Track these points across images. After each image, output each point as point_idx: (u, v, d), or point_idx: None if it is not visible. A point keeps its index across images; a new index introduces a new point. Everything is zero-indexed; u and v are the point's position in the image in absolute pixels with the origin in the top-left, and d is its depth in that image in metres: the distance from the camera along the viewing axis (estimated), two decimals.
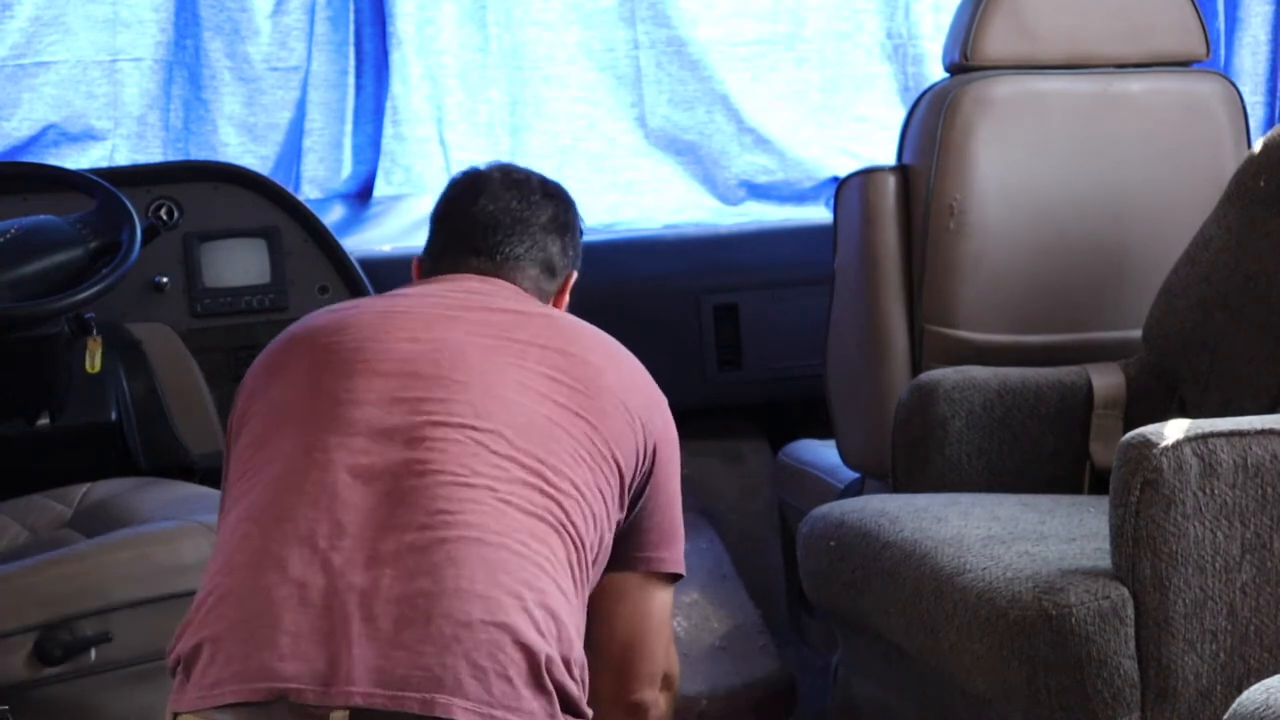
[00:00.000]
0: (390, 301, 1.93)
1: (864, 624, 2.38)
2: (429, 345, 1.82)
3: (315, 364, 1.83)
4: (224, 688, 1.65)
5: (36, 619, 2.13)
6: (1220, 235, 2.64)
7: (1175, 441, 1.94)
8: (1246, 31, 3.71)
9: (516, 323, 1.88)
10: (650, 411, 1.91)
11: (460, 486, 1.72)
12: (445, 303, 1.90)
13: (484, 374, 1.80)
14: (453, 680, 1.64)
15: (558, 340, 1.87)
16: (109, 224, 2.65)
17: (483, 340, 1.84)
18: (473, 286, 1.95)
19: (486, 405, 1.77)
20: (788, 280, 3.56)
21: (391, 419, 1.76)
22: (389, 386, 1.78)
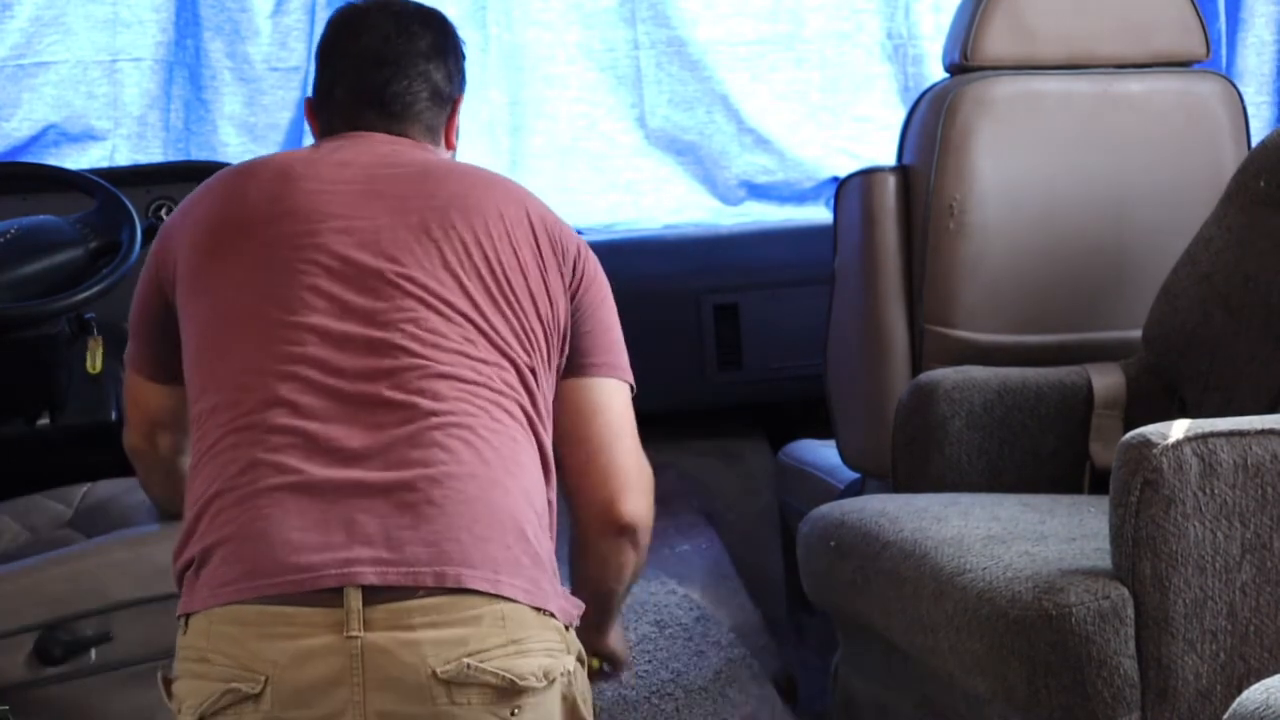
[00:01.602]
0: (314, 174, 1.92)
1: (864, 624, 2.38)
2: (364, 235, 1.85)
3: (259, 263, 1.85)
4: (236, 585, 1.69)
5: (37, 619, 2.13)
6: (1220, 235, 2.65)
7: (1175, 441, 1.94)
8: (1250, 32, 3.70)
9: (432, 188, 1.91)
10: (558, 240, 1.96)
11: (432, 377, 1.78)
12: (364, 174, 1.92)
13: (420, 259, 1.85)
14: (459, 552, 1.69)
15: (469, 197, 1.91)
16: (109, 224, 2.65)
17: (409, 220, 1.87)
18: (376, 149, 1.96)
19: (430, 288, 1.83)
20: (788, 280, 3.56)
21: (348, 319, 1.81)
22: (336, 286, 1.82)
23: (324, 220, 1.86)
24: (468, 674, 1.67)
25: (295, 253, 1.84)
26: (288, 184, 1.89)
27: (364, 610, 1.67)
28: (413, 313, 1.81)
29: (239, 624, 1.69)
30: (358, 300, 1.81)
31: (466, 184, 1.93)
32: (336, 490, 1.72)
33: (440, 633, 1.67)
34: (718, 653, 2.94)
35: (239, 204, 1.90)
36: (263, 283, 1.84)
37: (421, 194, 1.89)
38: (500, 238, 1.88)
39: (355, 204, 1.87)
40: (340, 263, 1.83)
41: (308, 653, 1.66)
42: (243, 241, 1.86)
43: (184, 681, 1.73)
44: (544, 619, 1.74)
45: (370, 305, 1.81)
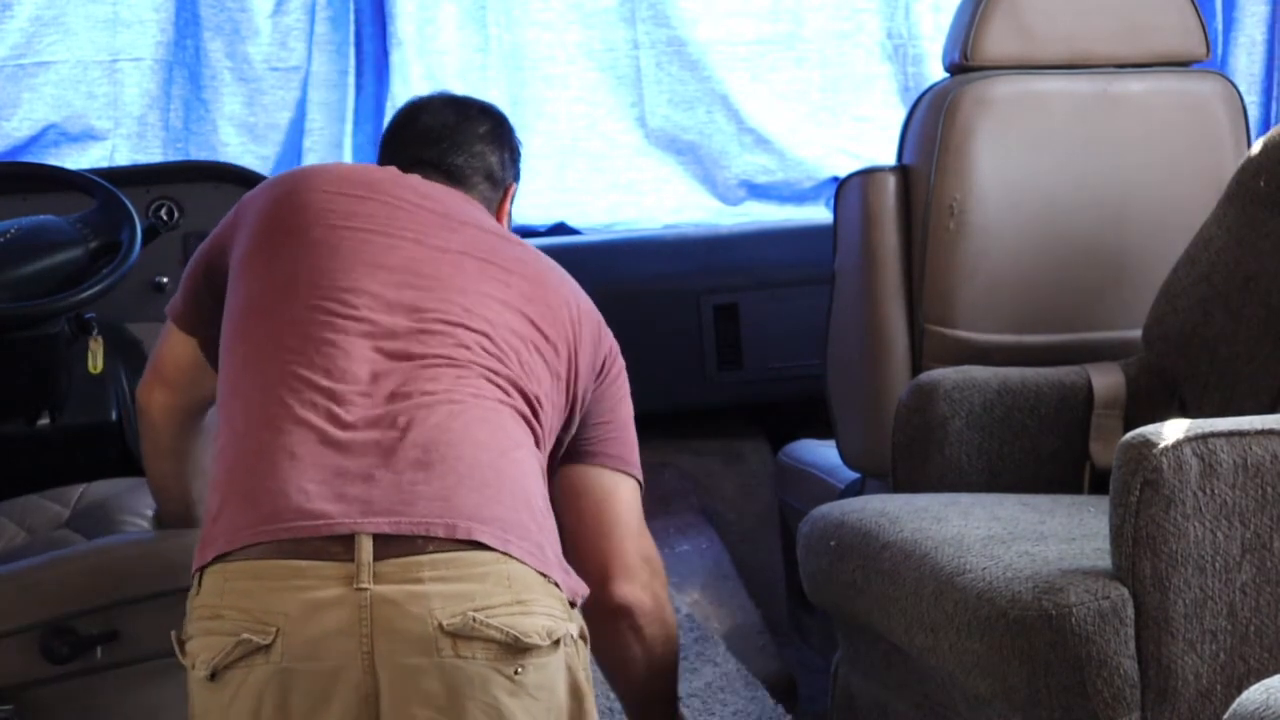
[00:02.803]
0: (408, 185, 2.03)
1: (864, 624, 2.38)
2: (432, 251, 1.95)
3: (325, 242, 1.93)
4: (252, 529, 1.73)
5: (42, 617, 2.13)
6: (1220, 235, 2.65)
7: (1175, 441, 1.94)
8: (1243, 31, 3.71)
9: (499, 246, 2.01)
10: (601, 336, 2.06)
11: (457, 367, 1.85)
12: (440, 207, 2.02)
13: (477, 285, 1.94)
14: (471, 507, 1.75)
15: (531, 270, 2.02)
16: (109, 224, 2.65)
17: (475, 255, 1.97)
18: (453, 195, 2.07)
19: (475, 311, 1.91)
20: (788, 280, 3.56)
21: (394, 315, 1.88)
22: (391, 282, 1.91)
23: (397, 229, 1.95)
24: (473, 627, 1.70)
25: (363, 246, 1.93)
26: (370, 190, 1.99)
27: (374, 564, 1.70)
28: (457, 320, 1.89)
29: (253, 578, 1.72)
30: (407, 298, 1.89)
31: (529, 253, 2.05)
32: (355, 447, 1.77)
33: (448, 586, 1.71)
34: (713, 669, 2.94)
35: (318, 195, 1.98)
36: (323, 265, 1.91)
37: (490, 244, 2.00)
38: (552, 302, 1.98)
39: (429, 226, 1.97)
40: (402, 267, 1.92)
41: (317, 604, 1.69)
42: (312, 230, 1.95)
43: (197, 639, 1.75)
44: (548, 585, 1.78)
45: (418, 302, 1.89)
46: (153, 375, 2.16)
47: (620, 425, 2.08)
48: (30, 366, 2.67)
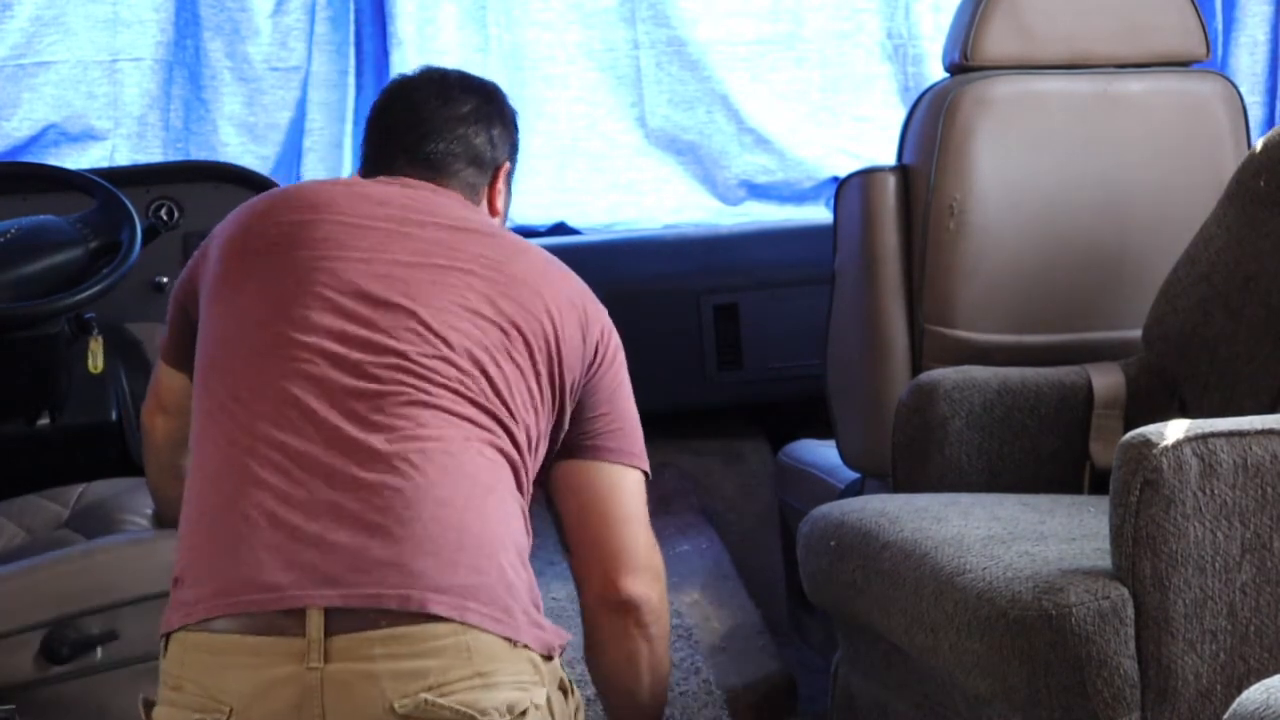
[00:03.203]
0: (349, 207, 1.95)
1: (864, 624, 2.38)
2: (380, 269, 1.88)
3: (275, 283, 1.88)
4: (206, 602, 1.72)
5: (43, 617, 2.13)
6: (1220, 235, 2.65)
7: (1175, 441, 1.94)
8: (1244, 31, 3.71)
9: (460, 244, 1.93)
10: (588, 324, 1.97)
11: (418, 406, 1.79)
12: (399, 214, 1.94)
13: (431, 299, 1.86)
14: (427, 576, 1.70)
15: (496, 265, 1.93)
16: (109, 224, 2.65)
17: (432, 262, 1.90)
18: (417, 195, 1.99)
19: (435, 331, 1.84)
20: (788, 280, 3.56)
21: (349, 351, 1.82)
22: (345, 314, 1.84)
23: (345, 250, 1.89)
24: (425, 709, 1.66)
25: (310, 275, 1.86)
26: (318, 212, 1.93)
27: (326, 640, 1.67)
28: (412, 345, 1.82)
29: (210, 653, 1.71)
30: (359, 330, 1.83)
31: (497, 244, 1.96)
32: (310, 508, 1.73)
33: (400, 665, 1.67)
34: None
35: (271, 225, 1.94)
36: (275, 301, 1.86)
37: (449, 243, 1.92)
38: (521, 296, 1.90)
39: (381, 240, 1.90)
40: (352, 292, 1.85)
41: (270, 683, 1.67)
42: (265, 261, 1.90)
43: (161, 708, 1.76)
44: (516, 651, 1.73)
45: (370, 336, 1.82)
46: (154, 401, 2.17)
47: (620, 415, 1.99)
48: (30, 366, 2.67)
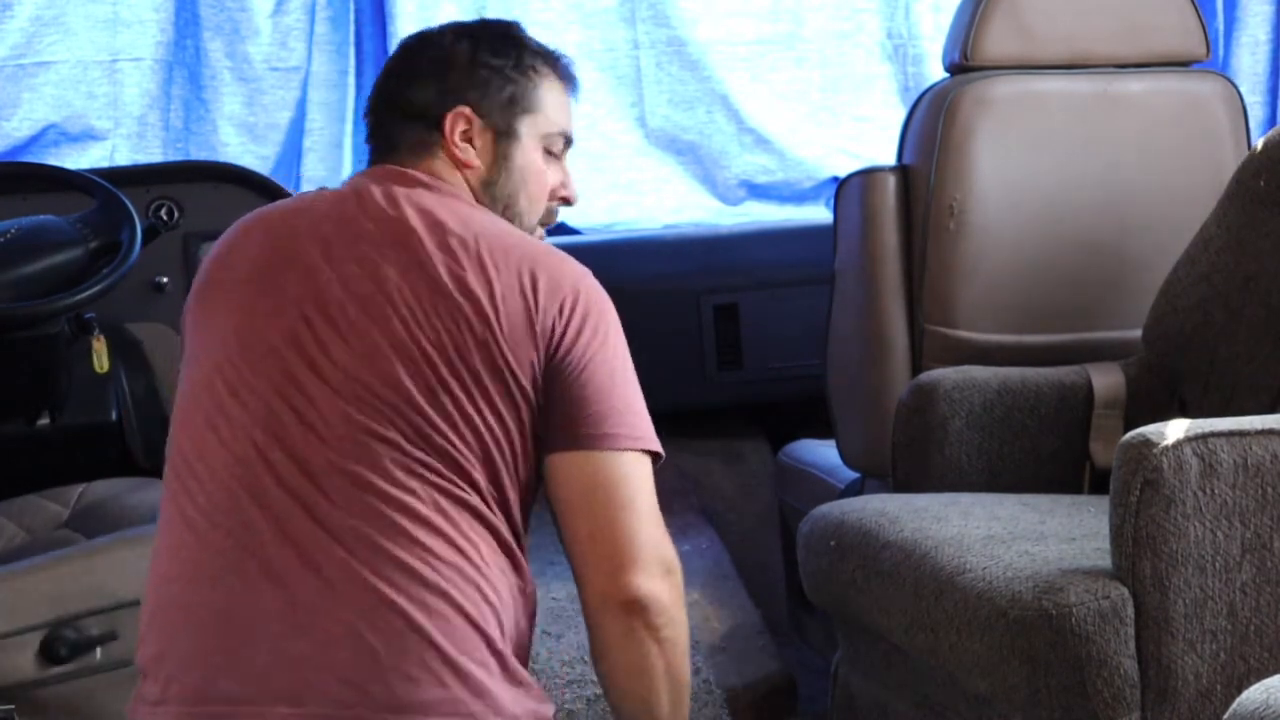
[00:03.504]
0: (282, 246, 1.79)
1: (864, 624, 2.38)
2: (316, 317, 1.73)
3: (227, 333, 1.77)
4: (162, 706, 1.67)
5: (43, 618, 2.13)
6: (1220, 235, 2.65)
7: (1175, 441, 1.94)
8: (1245, 31, 3.71)
9: (385, 257, 1.74)
10: (536, 303, 1.74)
11: (357, 488, 1.67)
12: (332, 233, 1.77)
13: (359, 345, 1.71)
14: (383, 693, 1.62)
15: (417, 276, 1.73)
16: (109, 224, 2.65)
17: (358, 291, 1.73)
18: (345, 202, 1.81)
19: (362, 382, 1.70)
20: (788, 280, 3.56)
21: (278, 429, 1.70)
22: (275, 382, 1.72)
23: (281, 304, 1.75)
24: None
25: (252, 328, 1.75)
26: (230, 270, 1.81)
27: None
28: (346, 410, 1.69)
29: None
30: (293, 398, 1.71)
31: (414, 250, 1.75)
32: (258, 612, 1.65)
33: None
34: None
35: (234, 262, 1.82)
36: (222, 355, 1.75)
37: (374, 258, 1.74)
38: (445, 306, 1.71)
39: (312, 281, 1.75)
40: (290, 345, 1.72)
41: None
42: (223, 305, 1.79)
43: None
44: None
45: (302, 405, 1.70)
46: None
47: (605, 392, 1.74)
48: (30, 366, 2.67)
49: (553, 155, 1.94)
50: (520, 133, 1.89)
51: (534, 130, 1.91)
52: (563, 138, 1.96)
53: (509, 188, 1.89)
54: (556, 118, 1.93)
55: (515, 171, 1.89)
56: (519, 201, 1.90)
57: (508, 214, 1.88)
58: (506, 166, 1.89)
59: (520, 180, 1.89)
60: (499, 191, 1.88)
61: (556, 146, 1.95)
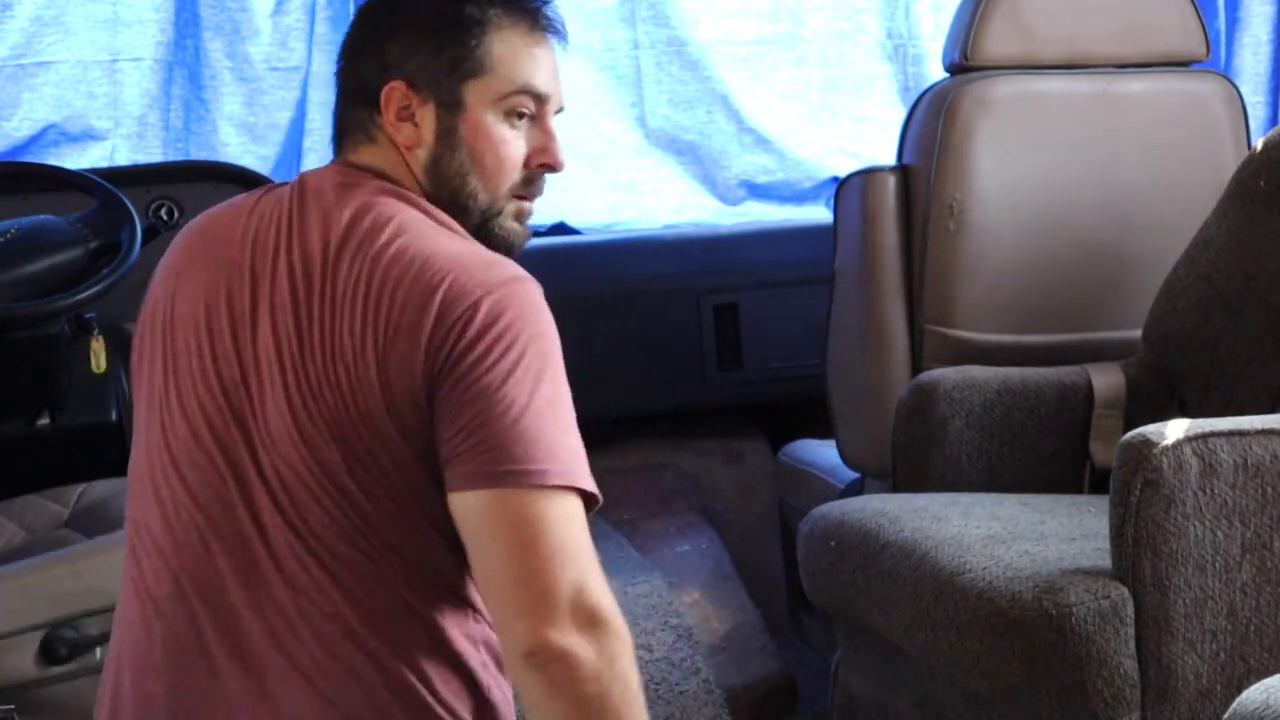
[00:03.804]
0: (203, 288, 1.66)
1: (864, 624, 2.38)
2: (221, 381, 1.61)
3: (151, 388, 1.67)
4: None
5: (43, 618, 2.13)
6: (1220, 235, 2.65)
7: (1175, 441, 1.94)
8: (1247, 31, 3.71)
9: (289, 306, 1.59)
10: (418, 325, 1.53)
11: (257, 583, 1.57)
12: (249, 260, 1.63)
13: (262, 409, 1.58)
14: None
15: (305, 330, 1.58)
16: (109, 224, 2.65)
17: (265, 356, 1.60)
18: (265, 223, 1.66)
19: (274, 453, 1.57)
20: (788, 280, 3.56)
21: (189, 518, 1.61)
22: (186, 453, 1.62)
23: (196, 363, 1.63)
24: None
25: (197, 394, 1.63)
26: (154, 319, 1.70)
27: None
28: (281, 506, 1.57)
29: None
30: (197, 482, 1.60)
31: (307, 281, 1.59)
32: (207, 710, 1.59)
33: None
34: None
35: (174, 310, 1.69)
36: (166, 419, 1.64)
37: (284, 309, 1.60)
38: (324, 363, 1.55)
39: (223, 323, 1.62)
40: (223, 426, 1.60)
41: None
42: (161, 362, 1.68)
43: None
44: None
45: (204, 494, 1.60)
46: None
47: (499, 421, 1.49)
48: (30, 366, 2.67)
49: (522, 118, 1.67)
50: (466, 101, 1.65)
51: (485, 96, 1.65)
52: (530, 95, 1.67)
53: (455, 165, 1.65)
54: (515, 74, 1.66)
55: (462, 147, 1.65)
56: (469, 181, 1.66)
57: (459, 198, 1.66)
58: (451, 143, 1.65)
59: (469, 157, 1.65)
60: (445, 171, 1.65)
61: (525, 107, 1.67)
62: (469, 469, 1.49)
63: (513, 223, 1.70)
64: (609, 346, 3.46)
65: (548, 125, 1.70)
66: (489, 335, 1.51)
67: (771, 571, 3.42)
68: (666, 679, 2.90)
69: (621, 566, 3.25)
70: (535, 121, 1.69)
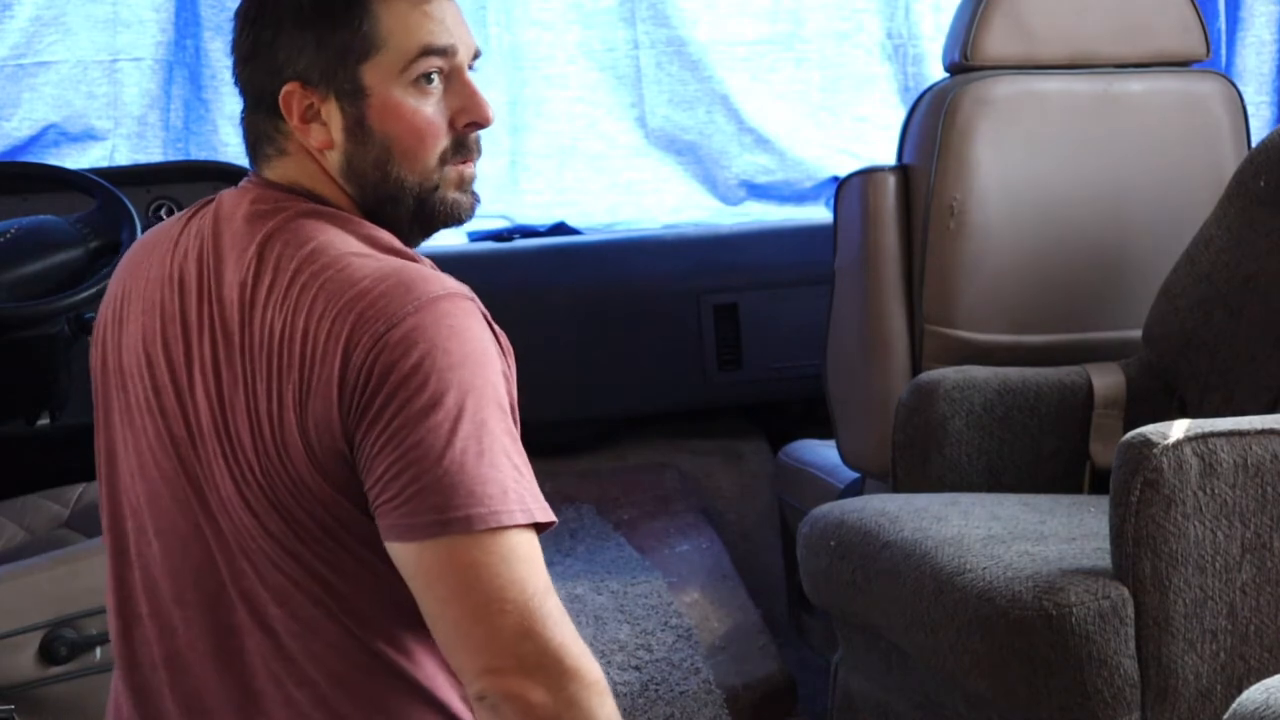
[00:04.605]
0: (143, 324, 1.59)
1: (864, 624, 2.38)
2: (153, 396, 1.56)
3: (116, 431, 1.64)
4: None
5: (42, 618, 2.13)
6: (1220, 235, 2.65)
7: (1175, 441, 1.94)
8: (1250, 31, 3.70)
9: (218, 350, 1.50)
10: (336, 372, 1.42)
11: (198, 656, 1.54)
12: (180, 306, 1.55)
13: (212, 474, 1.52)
14: None
15: (225, 353, 1.50)
16: (109, 224, 2.65)
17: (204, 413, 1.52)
18: (187, 261, 1.57)
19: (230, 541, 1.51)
20: (788, 280, 3.56)
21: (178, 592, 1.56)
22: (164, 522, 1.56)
23: (165, 413, 1.56)
24: None
25: (155, 458, 1.58)
26: (104, 363, 1.64)
27: None
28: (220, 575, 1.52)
29: None
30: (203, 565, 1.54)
31: (226, 333, 1.50)
32: None
33: None
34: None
35: (121, 345, 1.62)
36: (129, 482, 1.61)
37: (217, 346, 1.51)
38: (244, 425, 1.47)
39: (179, 396, 1.54)
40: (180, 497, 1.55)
41: None
42: (116, 411, 1.64)
43: None
44: None
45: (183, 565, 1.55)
46: None
47: (421, 462, 1.39)
48: (30, 366, 2.67)
49: (432, 80, 1.54)
50: (366, 86, 1.52)
51: (384, 74, 1.52)
52: (432, 56, 1.53)
53: (370, 159, 1.53)
54: (409, 40, 1.52)
55: (373, 137, 1.52)
56: (390, 169, 1.53)
57: (384, 189, 1.53)
58: (361, 135, 1.52)
59: (383, 141, 1.52)
60: (361, 167, 1.53)
61: (431, 68, 1.53)
62: (393, 521, 1.40)
63: (454, 193, 1.56)
64: (609, 346, 3.46)
65: (465, 79, 1.56)
66: (395, 374, 1.39)
67: (771, 571, 3.42)
68: (666, 679, 2.90)
69: (621, 566, 3.25)
70: (450, 79, 1.55)
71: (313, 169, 1.55)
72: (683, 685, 2.90)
